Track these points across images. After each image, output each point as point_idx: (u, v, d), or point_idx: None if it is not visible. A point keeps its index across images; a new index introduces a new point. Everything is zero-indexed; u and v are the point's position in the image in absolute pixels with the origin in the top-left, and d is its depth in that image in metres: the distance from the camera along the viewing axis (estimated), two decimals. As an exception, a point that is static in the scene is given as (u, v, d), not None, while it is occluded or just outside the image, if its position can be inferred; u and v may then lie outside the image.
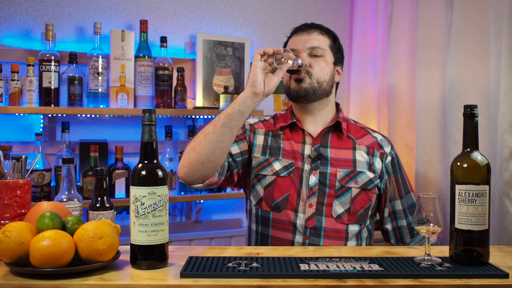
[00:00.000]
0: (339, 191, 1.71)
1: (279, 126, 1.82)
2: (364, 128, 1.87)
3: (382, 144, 1.82)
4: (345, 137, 1.80)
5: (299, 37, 1.81)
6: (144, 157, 1.28)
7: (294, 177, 1.73)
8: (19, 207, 1.39)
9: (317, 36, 1.80)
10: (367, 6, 2.97)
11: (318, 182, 1.72)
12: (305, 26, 1.83)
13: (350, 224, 1.72)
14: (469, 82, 2.05)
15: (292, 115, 1.83)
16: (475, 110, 1.31)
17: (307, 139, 1.79)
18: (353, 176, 1.73)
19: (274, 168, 1.74)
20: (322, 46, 1.79)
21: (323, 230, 1.70)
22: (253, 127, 1.83)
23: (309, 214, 1.70)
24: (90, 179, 2.45)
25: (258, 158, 1.78)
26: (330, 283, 1.16)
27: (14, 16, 2.54)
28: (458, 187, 1.31)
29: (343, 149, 1.78)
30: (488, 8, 1.98)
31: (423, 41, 2.28)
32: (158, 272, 1.24)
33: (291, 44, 1.82)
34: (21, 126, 2.55)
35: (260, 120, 1.87)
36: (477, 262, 1.29)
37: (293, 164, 1.74)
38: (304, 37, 1.79)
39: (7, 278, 1.18)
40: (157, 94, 2.64)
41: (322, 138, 1.79)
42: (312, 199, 1.71)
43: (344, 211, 1.71)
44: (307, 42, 1.78)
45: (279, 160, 1.75)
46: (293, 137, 1.80)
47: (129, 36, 2.58)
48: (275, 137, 1.81)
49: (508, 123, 1.85)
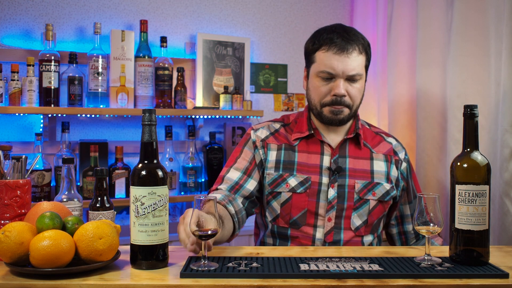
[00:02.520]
0: (357, 203, 1.68)
1: (295, 138, 1.73)
2: (379, 134, 1.83)
3: (396, 150, 1.79)
4: (362, 146, 1.74)
5: (337, 57, 1.63)
6: (144, 157, 1.28)
7: (310, 192, 1.67)
8: (19, 207, 1.39)
9: (356, 58, 1.64)
10: (367, 6, 2.96)
11: (337, 195, 1.67)
12: (343, 41, 1.64)
13: (366, 235, 1.70)
14: (469, 82, 2.05)
15: (309, 125, 1.74)
16: (475, 110, 1.31)
17: (325, 150, 1.72)
18: (371, 188, 1.69)
19: (290, 185, 1.68)
20: (360, 70, 1.66)
21: (342, 243, 1.67)
22: (266, 143, 1.74)
23: (328, 228, 1.66)
24: (90, 179, 2.45)
25: (271, 175, 1.71)
26: (330, 283, 1.16)
27: (14, 16, 2.54)
28: (458, 187, 1.31)
29: (360, 159, 1.73)
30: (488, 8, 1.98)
31: (423, 41, 2.27)
32: (158, 272, 1.24)
33: (326, 63, 1.64)
34: (21, 126, 2.55)
35: (271, 133, 1.77)
36: (477, 262, 1.29)
37: (309, 179, 1.68)
38: (344, 60, 1.63)
39: (7, 278, 1.18)
40: (157, 94, 2.64)
41: (341, 149, 1.72)
42: (331, 213, 1.66)
43: (362, 223, 1.68)
44: (347, 67, 1.63)
45: (294, 176, 1.68)
46: (309, 148, 1.72)
47: (129, 36, 2.58)
48: (288, 150, 1.72)
49: (508, 123, 1.84)
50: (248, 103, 2.79)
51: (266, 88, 3.00)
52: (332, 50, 1.64)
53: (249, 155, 1.74)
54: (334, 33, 1.66)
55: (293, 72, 3.06)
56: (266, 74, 3.00)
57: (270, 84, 3.01)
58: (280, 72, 3.03)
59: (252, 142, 1.76)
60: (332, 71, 1.64)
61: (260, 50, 2.98)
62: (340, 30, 1.67)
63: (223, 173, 1.72)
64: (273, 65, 3.00)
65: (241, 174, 1.70)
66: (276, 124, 1.81)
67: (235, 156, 1.76)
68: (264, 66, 2.99)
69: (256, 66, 2.97)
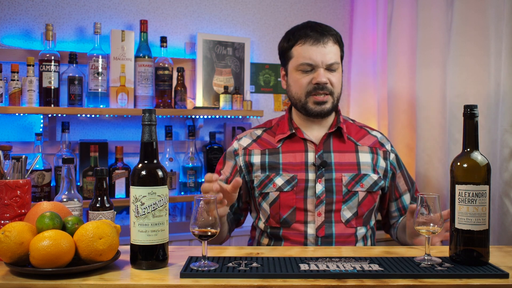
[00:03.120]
0: (346, 196, 1.70)
1: (278, 139, 1.78)
2: (363, 127, 1.87)
3: (382, 142, 1.83)
4: (346, 140, 1.78)
5: (314, 48, 1.70)
6: (144, 157, 1.28)
7: (297, 189, 1.70)
8: (19, 207, 1.39)
9: (332, 48, 1.72)
10: (367, 6, 2.96)
11: (325, 189, 1.70)
12: (317, 33, 1.72)
13: (358, 227, 1.72)
14: (469, 82, 2.05)
15: (290, 125, 1.79)
16: (475, 110, 1.31)
17: (309, 147, 1.75)
18: (358, 180, 1.72)
19: (277, 184, 1.71)
20: (337, 59, 1.73)
21: (334, 236, 1.69)
22: (248, 150, 1.79)
23: (319, 223, 1.68)
24: (90, 179, 2.45)
25: (259, 177, 1.74)
26: (330, 283, 1.16)
27: (14, 16, 2.54)
28: (458, 187, 1.31)
29: (346, 152, 1.76)
30: (488, 8, 1.98)
31: (423, 41, 2.28)
32: (158, 272, 1.24)
33: (305, 55, 1.71)
34: (21, 126, 2.55)
35: (253, 140, 1.82)
36: (477, 262, 1.29)
37: (295, 177, 1.71)
38: (321, 50, 1.70)
39: (7, 278, 1.18)
40: (157, 94, 2.64)
41: (324, 144, 1.76)
42: (320, 208, 1.69)
43: (352, 215, 1.70)
44: (325, 56, 1.70)
45: (280, 175, 1.72)
46: (293, 148, 1.76)
47: (129, 36, 2.58)
48: (273, 154, 1.76)
49: (508, 123, 1.84)
50: (248, 103, 2.79)
51: (266, 88, 3.01)
52: (309, 43, 1.71)
53: (230, 165, 1.81)
54: (307, 28, 1.74)
55: (293, 72, 3.05)
56: (266, 74, 3.00)
57: (270, 84, 3.01)
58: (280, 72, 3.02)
59: (233, 151, 1.82)
60: (311, 62, 1.70)
61: (260, 50, 2.99)
62: (312, 24, 1.77)
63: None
64: (273, 65, 3.00)
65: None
66: (258, 130, 1.86)
67: (218, 169, 1.84)
68: (264, 66, 2.99)
69: (256, 66, 2.97)
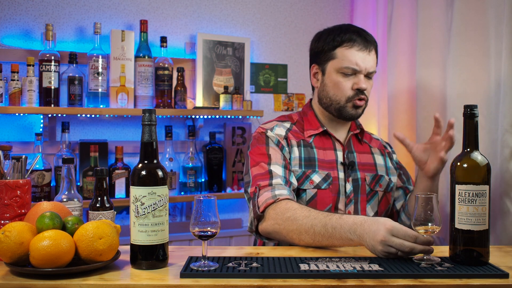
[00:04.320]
0: (369, 195, 1.76)
1: (309, 135, 1.77)
2: (366, 131, 1.94)
3: (384, 145, 1.94)
4: (362, 142, 1.85)
5: (361, 54, 1.72)
6: (144, 157, 1.28)
7: (333, 188, 1.72)
8: (19, 207, 1.39)
9: (374, 56, 1.76)
10: (367, 6, 2.96)
11: (353, 189, 1.74)
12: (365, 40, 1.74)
13: None
14: (469, 82, 2.05)
15: (320, 122, 1.80)
16: (475, 110, 1.31)
17: (337, 146, 1.78)
18: (377, 180, 1.79)
19: (314, 181, 1.70)
20: (376, 68, 1.78)
21: None
22: (289, 140, 1.74)
23: None
24: (90, 179, 2.45)
25: (296, 172, 1.70)
26: (330, 283, 1.16)
27: (14, 16, 2.54)
28: (458, 187, 1.31)
29: (364, 153, 1.83)
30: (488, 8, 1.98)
31: (423, 41, 2.27)
32: (158, 272, 1.24)
33: (351, 59, 1.71)
34: (21, 126, 2.55)
35: (287, 130, 1.76)
36: (477, 262, 1.29)
37: (330, 175, 1.72)
38: (366, 57, 1.73)
39: (7, 278, 1.18)
40: (157, 94, 2.64)
41: (347, 144, 1.81)
42: (350, 207, 1.73)
43: (374, 214, 1.75)
44: (369, 64, 1.73)
45: (317, 172, 1.71)
46: (324, 144, 1.77)
47: (129, 36, 2.58)
48: (306, 147, 1.75)
49: (509, 123, 1.84)
50: (248, 103, 2.79)
51: (266, 88, 3.00)
52: (356, 47, 1.72)
53: (279, 152, 1.70)
54: (353, 32, 1.74)
55: (293, 72, 3.06)
56: (266, 74, 3.00)
57: (270, 84, 3.01)
58: (280, 72, 3.03)
59: (276, 141, 1.71)
60: (356, 67, 1.71)
61: (260, 50, 2.98)
62: (357, 29, 1.78)
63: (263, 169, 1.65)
64: (273, 65, 3.00)
65: (283, 169, 1.66)
66: (286, 123, 1.80)
67: (263, 152, 1.69)
68: (264, 66, 2.99)
69: (256, 66, 2.97)
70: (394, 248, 1.30)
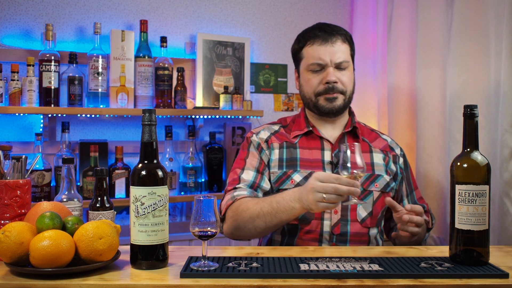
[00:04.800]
0: (362, 195, 1.72)
1: (294, 135, 1.79)
2: (374, 131, 1.91)
3: (392, 147, 1.88)
4: (361, 140, 1.81)
5: (323, 47, 1.74)
6: (144, 157, 1.28)
7: None
8: (19, 207, 1.39)
9: (341, 47, 1.75)
10: (367, 6, 2.96)
11: None
12: (326, 33, 1.76)
13: (372, 227, 1.73)
14: (469, 82, 2.05)
15: (307, 122, 1.81)
16: (475, 110, 1.31)
17: (325, 145, 1.78)
18: (373, 180, 1.75)
19: (295, 180, 1.71)
20: (347, 57, 1.76)
21: (349, 235, 1.69)
22: (269, 143, 1.79)
23: (335, 220, 1.69)
24: (90, 179, 2.45)
25: (275, 173, 1.74)
26: (330, 283, 1.16)
27: (14, 16, 2.54)
28: (458, 187, 1.31)
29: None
30: (488, 8, 1.98)
31: (423, 41, 2.27)
32: (158, 272, 1.24)
33: (314, 55, 1.75)
34: (21, 126, 2.55)
35: (271, 133, 1.83)
36: (477, 262, 1.29)
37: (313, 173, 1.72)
38: (329, 49, 1.74)
39: (7, 278, 1.18)
40: (157, 94, 2.64)
41: (340, 143, 1.78)
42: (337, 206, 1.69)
43: (367, 214, 1.72)
44: (334, 55, 1.73)
45: (298, 172, 1.72)
46: (309, 145, 1.78)
47: (129, 36, 2.58)
48: (289, 147, 1.77)
49: (508, 123, 1.84)
50: (248, 103, 2.79)
51: (266, 88, 3.00)
52: (317, 43, 1.75)
53: (256, 156, 1.78)
54: (316, 29, 1.78)
55: (293, 72, 3.04)
56: (266, 74, 3.00)
57: (270, 84, 3.01)
58: (280, 72, 3.03)
59: (257, 145, 1.80)
60: (321, 61, 1.74)
61: (260, 50, 2.98)
62: (321, 25, 1.80)
63: (236, 174, 1.76)
64: (273, 65, 3.00)
65: (255, 173, 1.75)
66: (275, 126, 1.87)
67: (242, 158, 1.81)
68: (264, 66, 2.99)
69: (256, 66, 2.97)
70: (320, 193, 1.40)
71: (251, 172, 1.75)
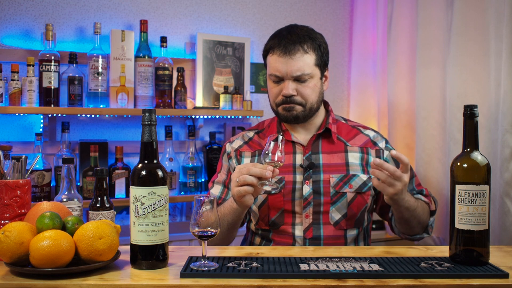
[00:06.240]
0: (334, 197, 1.70)
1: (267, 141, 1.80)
2: (355, 127, 1.85)
3: (375, 141, 1.81)
4: (336, 141, 1.77)
5: (281, 59, 1.68)
6: (144, 157, 1.28)
7: (285, 191, 1.71)
8: (19, 207, 1.39)
9: (301, 58, 1.67)
10: (367, 6, 2.97)
11: (312, 191, 1.70)
12: (288, 43, 1.68)
13: (349, 229, 1.72)
14: (469, 82, 2.05)
15: (279, 127, 1.81)
16: (475, 110, 1.31)
17: (297, 149, 1.76)
18: (346, 181, 1.71)
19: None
20: (308, 69, 1.68)
21: (322, 238, 1.69)
22: (239, 152, 1.82)
23: (307, 225, 1.69)
24: (90, 179, 2.45)
25: None
26: (330, 283, 1.16)
27: (14, 16, 2.54)
28: (458, 187, 1.31)
29: (335, 153, 1.76)
30: (488, 8, 1.98)
31: (423, 41, 2.28)
32: (158, 272, 1.24)
33: (273, 66, 1.71)
34: (21, 126, 2.55)
35: (245, 142, 1.85)
36: (477, 262, 1.29)
37: (283, 179, 1.72)
38: (288, 61, 1.67)
39: (7, 278, 1.18)
40: (157, 94, 2.64)
41: (313, 145, 1.76)
42: (308, 209, 1.69)
43: (342, 216, 1.70)
44: (291, 68, 1.67)
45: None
46: None
47: (129, 36, 2.58)
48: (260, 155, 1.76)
49: (509, 123, 1.84)
50: (248, 103, 2.79)
51: (266, 88, 3.00)
52: (277, 53, 1.70)
53: (225, 167, 1.84)
54: (279, 37, 1.72)
55: (293, 72, 3.05)
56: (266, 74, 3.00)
57: (270, 84, 3.01)
58: (280, 72, 3.03)
59: (226, 154, 1.85)
60: (278, 74, 1.71)
61: (260, 50, 2.98)
62: (285, 32, 1.73)
63: (210, 187, 1.85)
64: (273, 65, 3.00)
65: (222, 188, 1.81)
66: (250, 132, 1.88)
67: (217, 171, 1.87)
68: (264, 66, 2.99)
69: (256, 66, 2.97)
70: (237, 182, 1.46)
71: (219, 186, 1.81)
